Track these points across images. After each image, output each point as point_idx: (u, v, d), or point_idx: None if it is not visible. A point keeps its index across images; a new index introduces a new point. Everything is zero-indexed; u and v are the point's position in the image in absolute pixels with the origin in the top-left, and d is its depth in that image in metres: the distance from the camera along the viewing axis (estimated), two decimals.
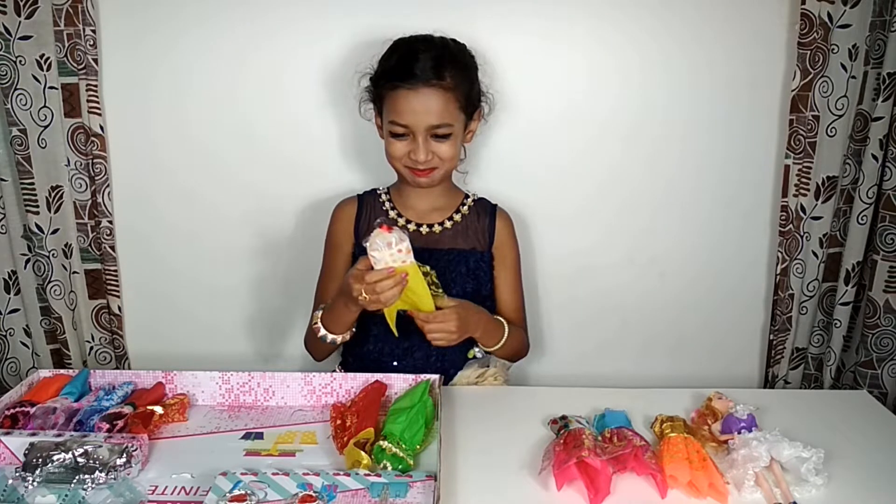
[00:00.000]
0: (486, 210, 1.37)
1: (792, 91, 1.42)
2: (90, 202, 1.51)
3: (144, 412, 1.01)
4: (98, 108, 1.44)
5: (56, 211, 1.50)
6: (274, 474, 0.87)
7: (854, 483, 0.92)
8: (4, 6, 1.37)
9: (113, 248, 1.53)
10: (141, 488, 0.88)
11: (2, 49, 1.38)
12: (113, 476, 0.87)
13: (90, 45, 1.40)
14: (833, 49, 1.40)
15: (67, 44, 1.41)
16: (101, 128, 1.45)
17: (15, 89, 1.40)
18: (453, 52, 1.23)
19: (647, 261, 1.59)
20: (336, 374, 1.12)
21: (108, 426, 0.96)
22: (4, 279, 1.56)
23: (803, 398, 1.30)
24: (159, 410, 1.03)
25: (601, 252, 1.58)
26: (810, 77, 1.40)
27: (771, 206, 1.55)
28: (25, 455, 0.89)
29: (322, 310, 1.21)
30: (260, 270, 1.59)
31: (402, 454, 0.92)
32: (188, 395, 1.10)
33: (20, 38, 1.39)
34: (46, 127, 1.44)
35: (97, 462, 0.88)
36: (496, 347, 1.26)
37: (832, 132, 1.45)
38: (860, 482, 0.92)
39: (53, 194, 1.49)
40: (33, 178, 1.45)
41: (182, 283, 1.60)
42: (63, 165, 1.48)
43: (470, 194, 1.38)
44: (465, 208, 1.35)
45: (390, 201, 1.34)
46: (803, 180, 1.47)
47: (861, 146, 1.44)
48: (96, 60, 1.42)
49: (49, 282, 1.52)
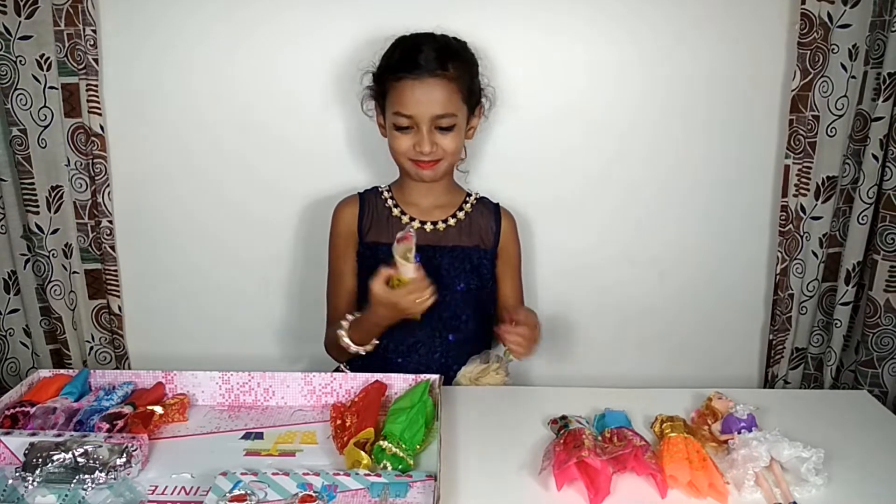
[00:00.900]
0: (490, 209, 1.38)
1: (792, 91, 1.42)
2: (90, 202, 1.51)
3: (144, 412, 1.01)
4: (98, 108, 1.44)
5: (56, 211, 1.50)
6: (274, 474, 0.87)
7: (854, 483, 0.92)
8: (4, 6, 1.37)
9: (113, 248, 1.53)
10: (141, 488, 0.88)
11: (2, 49, 1.38)
12: (113, 476, 0.87)
13: (90, 45, 1.40)
14: (833, 49, 1.40)
15: (67, 44, 1.41)
16: (101, 128, 1.45)
17: (15, 89, 1.40)
18: (455, 47, 1.25)
19: (647, 260, 1.59)
20: (336, 375, 1.12)
21: (108, 426, 0.96)
22: (4, 279, 1.56)
23: (803, 398, 1.30)
24: (159, 410, 1.03)
25: (600, 251, 1.58)
26: (810, 77, 1.40)
27: (771, 206, 1.55)
28: (25, 455, 0.89)
29: (347, 323, 1.22)
30: (261, 270, 1.59)
31: (402, 454, 0.92)
32: (188, 395, 1.10)
33: (20, 38, 1.39)
34: (46, 127, 1.44)
35: (97, 462, 0.88)
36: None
37: (832, 132, 1.45)
38: (860, 482, 0.92)
39: (53, 194, 1.49)
40: (33, 178, 1.45)
41: (182, 283, 1.60)
42: (63, 165, 1.48)
43: (472, 192, 1.39)
44: (469, 206, 1.35)
45: (392, 199, 1.34)
46: (803, 180, 1.47)
47: (861, 146, 1.44)
48: (96, 60, 1.42)
49: (49, 282, 1.52)
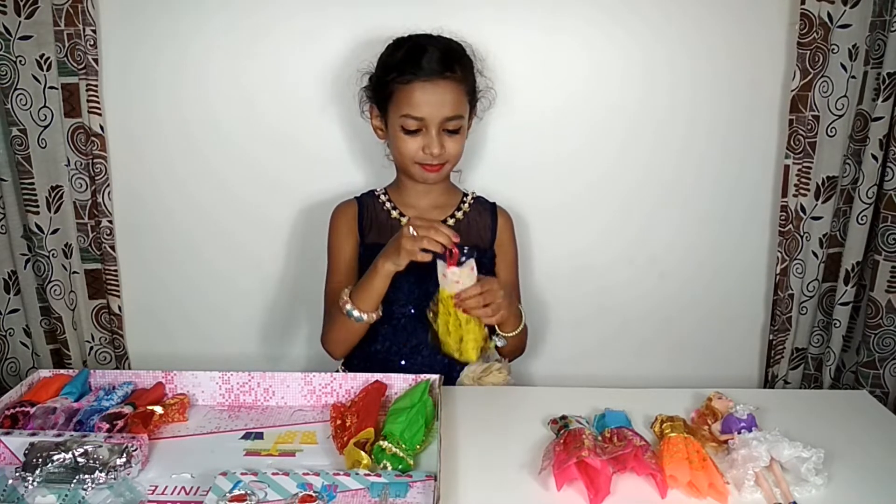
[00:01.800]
0: (487, 208, 1.38)
1: (792, 91, 1.42)
2: (90, 202, 1.51)
3: (144, 412, 1.01)
4: (98, 108, 1.44)
5: (56, 211, 1.50)
6: (274, 474, 0.87)
7: (854, 483, 0.92)
8: (4, 6, 1.37)
9: (113, 248, 1.53)
10: (141, 488, 0.87)
11: (2, 49, 1.38)
12: (113, 476, 0.87)
13: (90, 45, 1.40)
14: (833, 49, 1.40)
15: (67, 44, 1.41)
16: (101, 128, 1.45)
17: (15, 89, 1.40)
18: (457, 48, 1.26)
19: (647, 260, 1.59)
20: (336, 374, 1.12)
21: (108, 426, 0.96)
22: (4, 279, 1.56)
23: (803, 398, 1.30)
24: (159, 410, 1.03)
25: (600, 251, 1.58)
26: (810, 77, 1.40)
27: (771, 206, 1.55)
28: (25, 455, 0.89)
29: (348, 290, 1.19)
30: (261, 270, 1.59)
31: (402, 454, 0.92)
32: (188, 395, 1.10)
33: (20, 38, 1.39)
34: (46, 127, 1.44)
35: (97, 462, 0.88)
36: (517, 331, 1.23)
37: (832, 132, 1.45)
38: (860, 482, 0.92)
39: (53, 194, 1.49)
40: (33, 178, 1.45)
41: (182, 283, 1.60)
42: (63, 165, 1.48)
43: (468, 192, 1.39)
44: (466, 206, 1.36)
45: (390, 201, 1.34)
46: (803, 180, 1.47)
47: (861, 146, 1.44)
48: (96, 60, 1.42)
49: (49, 282, 1.52)
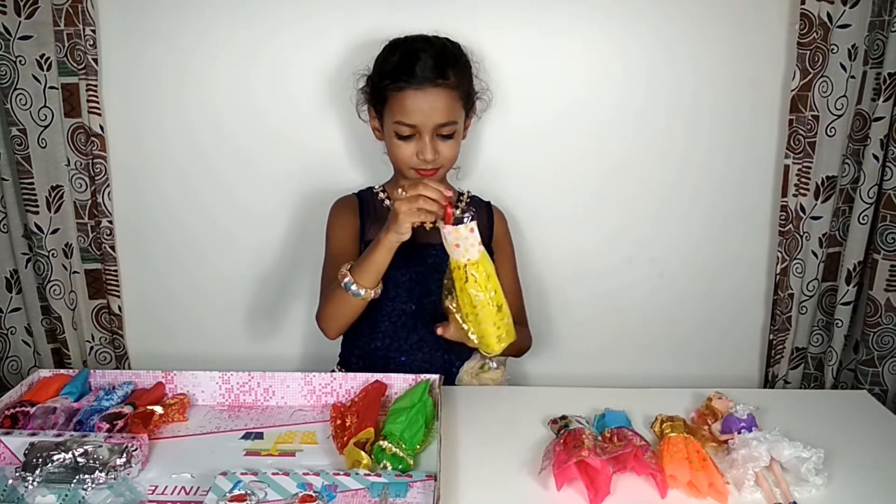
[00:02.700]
0: (482, 207, 1.38)
1: (792, 91, 1.42)
2: (90, 202, 1.51)
3: (144, 412, 1.01)
4: (98, 108, 1.44)
5: (56, 211, 1.50)
6: (274, 474, 0.87)
7: (854, 483, 0.92)
8: (4, 6, 1.37)
9: (113, 248, 1.53)
10: (141, 488, 0.87)
11: (2, 49, 1.38)
12: (113, 476, 0.87)
13: (90, 45, 1.40)
14: (833, 49, 1.40)
15: (67, 44, 1.41)
16: (101, 128, 1.45)
17: (15, 89, 1.40)
18: (452, 51, 1.24)
19: (647, 261, 1.59)
20: (336, 374, 1.12)
21: (108, 426, 0.96)
22: (6, 278, 1.56)
23: (803, 398, 1.30)
24: (159, 410, 1.03)
25: (600, 252, 1.58)
26: (810, 77, 1.40)
27: (771, 206, 1.55)
28: (25, 455, 0.89)
29: (348, 265, 1.15)
30: (261, 270, 1.59)
31: (402, 454, 0.92)
32: (188, 395, 1.10)
33: (20, 38, 1.39)
34: (46, 127, 1.44)
35: (97, 462, 0.88)
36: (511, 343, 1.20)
37: (832, 132, 1.45)
38: (860, 482, 0.92)
39: (53, 194, 1.49)
40: (33, 178, 1.45)
41: (182, 283, 1.60)
42: (63, 165, 1.48)
43: (464, 191, 1.39)
44: (462, 205, 1.35)
45: (388, 198, 1.34)
46: (803, 180, 1.47)
47: (861, 146, 1.44)
48: (96, 60, 1.42)
49: (49, 281, 1.52)
